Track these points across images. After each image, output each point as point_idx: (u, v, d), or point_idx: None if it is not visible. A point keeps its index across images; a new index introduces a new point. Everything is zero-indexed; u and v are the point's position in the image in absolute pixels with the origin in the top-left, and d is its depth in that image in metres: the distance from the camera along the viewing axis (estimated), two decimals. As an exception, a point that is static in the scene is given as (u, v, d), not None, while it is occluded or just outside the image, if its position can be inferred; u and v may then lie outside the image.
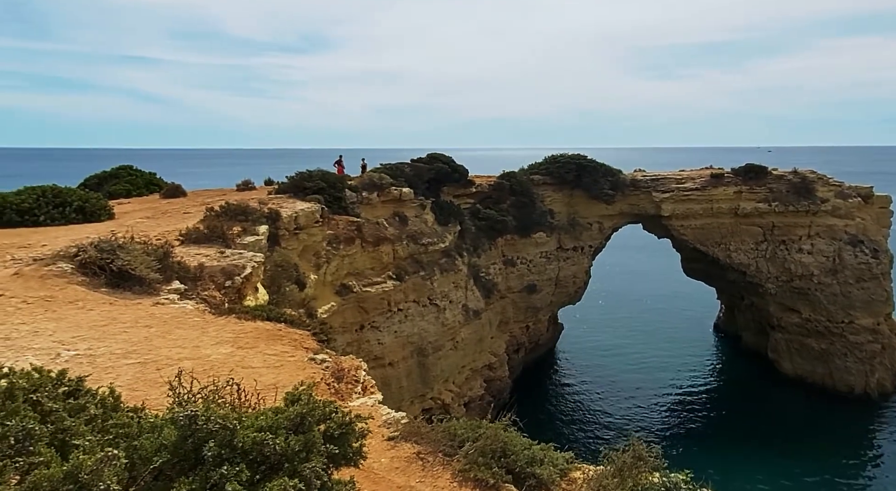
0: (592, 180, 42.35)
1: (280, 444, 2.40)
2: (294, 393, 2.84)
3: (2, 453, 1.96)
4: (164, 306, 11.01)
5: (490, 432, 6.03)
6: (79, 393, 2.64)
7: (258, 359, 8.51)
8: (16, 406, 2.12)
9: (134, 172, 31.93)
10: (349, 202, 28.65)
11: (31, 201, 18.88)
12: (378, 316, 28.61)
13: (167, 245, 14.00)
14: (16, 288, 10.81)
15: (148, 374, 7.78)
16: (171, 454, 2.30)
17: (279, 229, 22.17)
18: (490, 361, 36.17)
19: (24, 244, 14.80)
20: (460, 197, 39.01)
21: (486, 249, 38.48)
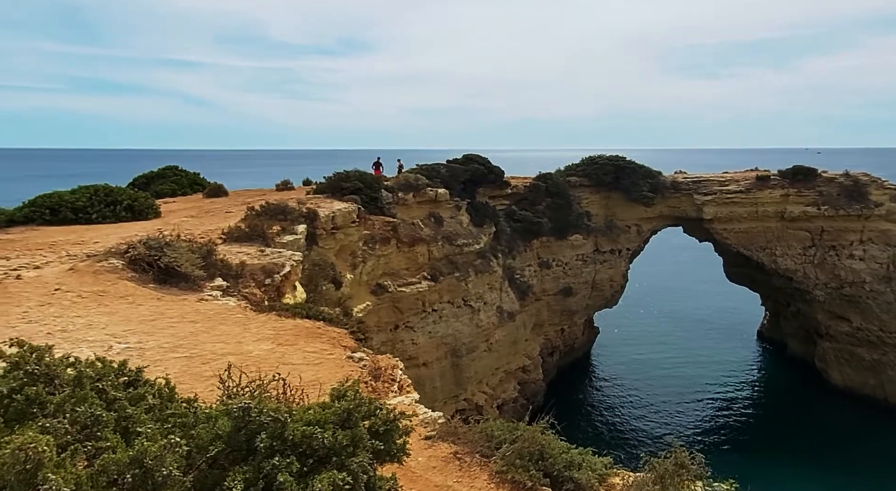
0: (631, 182, 41.62)
1: (328, 438, 2.46)
2: (340, 389, 2.90)
3: (72, 438, 2.07)
4: (207, 303, 11.35)
5: (527, 435, 6.00)
6: (138, 383, 2.76)
7: (298, 356, 8.68)
8: (84, 393, 2.24)
9: (179, 173, 33.00)
10: (385, 203, 28.93)
11: (84, 200, 19.68)
12: (413, 316, 28.78)
13: (210, 243, 14.42)
14: (71, 283, 11.31)
15: (193, 367, 8.03)
16: (226, 444, 2.38)
17: (317, 229, 22.55)
18: (524, 364, 35.93)
19: (78, 241, 15.46)
20: (496, 198, 38.92)
21: (521, 250, 38.26)
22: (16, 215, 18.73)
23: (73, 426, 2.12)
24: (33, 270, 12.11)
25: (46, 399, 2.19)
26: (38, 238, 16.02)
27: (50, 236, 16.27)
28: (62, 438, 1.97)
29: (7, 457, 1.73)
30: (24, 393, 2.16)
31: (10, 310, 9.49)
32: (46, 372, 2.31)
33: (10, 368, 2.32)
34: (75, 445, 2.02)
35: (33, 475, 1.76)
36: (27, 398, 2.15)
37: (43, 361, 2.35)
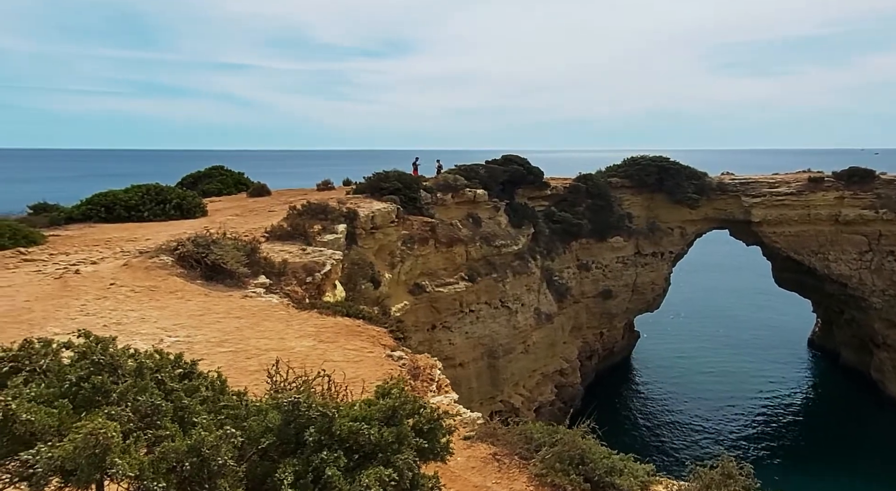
0: (675, 183, 40.59)
1: (374, 434, 2.50)
2: (384, 387, 2.94)
3: (134, 425, 2.17)
4: (252, 299, 11.65)
5: (567, 438, 5.92)
6: (192, 375, 2.86)
7: (339, 353, 8.82)
8: (145, 384, 2.34)
9: (224, 172, 33.95)
10: (424, 203, 29.08)
11: (137, 198, 20.46)
12: (450, 316, 28.83)
13: (254, 242, 14.80)
14: (125, 278, 11.80)
15: (239, 362, 8.27)
16: (276, 437, 2.45)
17: (356, 228, 22.83)
18: (562, 367, 35.52)
19: (131, 238, 16.11)
20: (535, 199, 38.59)
21: (560, 252, 37.84)
22: (74, 213, 19.67)
23: (135, 415, 2.22)
24: (90, 266, 12.69)
25: (111, 388, 2.31)
26: (95, 235, 16.78)
27: (105, 233, 17.01)
28: (125, 426, 2.07)
29: (79, 441, 1.83)
30: (90, 381, 2.28)
31: (71, 303, 9.98)
32: (111, 362, 2.43)
33: (78, 357, 2.45)
34: (137, 433, 2.12)
35: (101, 459, 1.86)
36: (94, 387, 2.27)
37: (107, 352, 2.48)
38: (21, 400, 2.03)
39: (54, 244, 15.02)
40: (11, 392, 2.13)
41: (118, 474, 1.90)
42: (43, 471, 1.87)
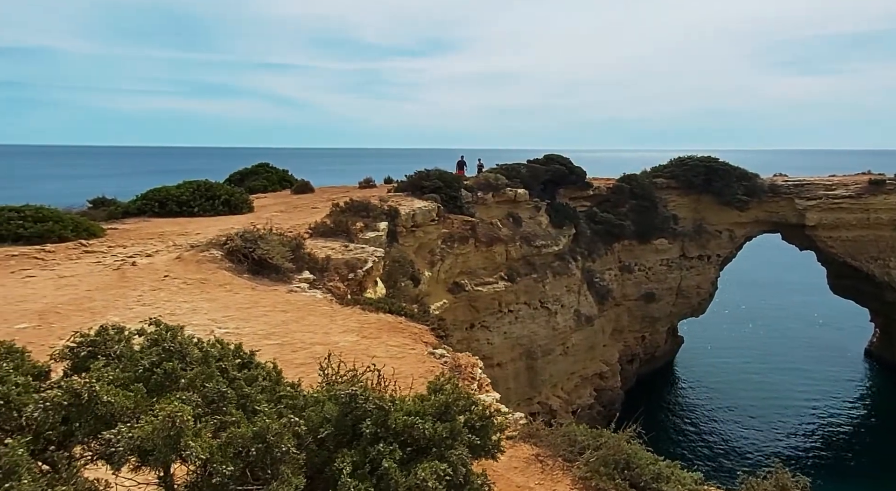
0: (724, 184, 39.30)
1: (428, 429, 2.52)
2: (437, 383, 2.96)
3: (202, 411, 2.26)
4: (297, 294, 11.90)
5: (612, 442, 5.83)
6: (250, 365, 2.95)
7: (381, 349, 8.92)
8: (210, 371, 2.43)
9: (270, 170, 34.81)
10: (464, 202, 29.09)
11: (188, 194, 21.20)
12: (488, 316, 28.77)
13: (299, 237, 15.10)
14: (178, 270, 12.24)
15: (285, 355, 8.46)
16: (334, 427, 2.50)
17: (397, 226, 23.02)
18: (601, 370, 34.95)
19: (182, 232, 16.71)
20: (576, 199, 38.07)
21: (601, 253, 37.21)
22: (130, 207, 20.57)
23: (203, 400, 2.31)
24: (146, 258, 13.23)
25: (180, 374, 2.41)
26: (149, 228, 17.48)
27: (159, 227, 17.70)
28: (195, 411, 2.16)
29: (158, 423, 1.92)
30: (162, 367, 2.39)
31: (128, 293, 10.43)
32: (179, 350, 2.54)
33: (150, 344, 2.57)
34: (205, 418, 2.21)
35: (176, 441, 1.94)
36: (165, 372, 2.38)
37: (176, 340, 2.58)
38: (102, 383, 2.15)
39: (112, 237, 15.73)
40: (95, 375, 2.25)
41: (191, 456, 1.99)
42: (123, 450, 1.97)
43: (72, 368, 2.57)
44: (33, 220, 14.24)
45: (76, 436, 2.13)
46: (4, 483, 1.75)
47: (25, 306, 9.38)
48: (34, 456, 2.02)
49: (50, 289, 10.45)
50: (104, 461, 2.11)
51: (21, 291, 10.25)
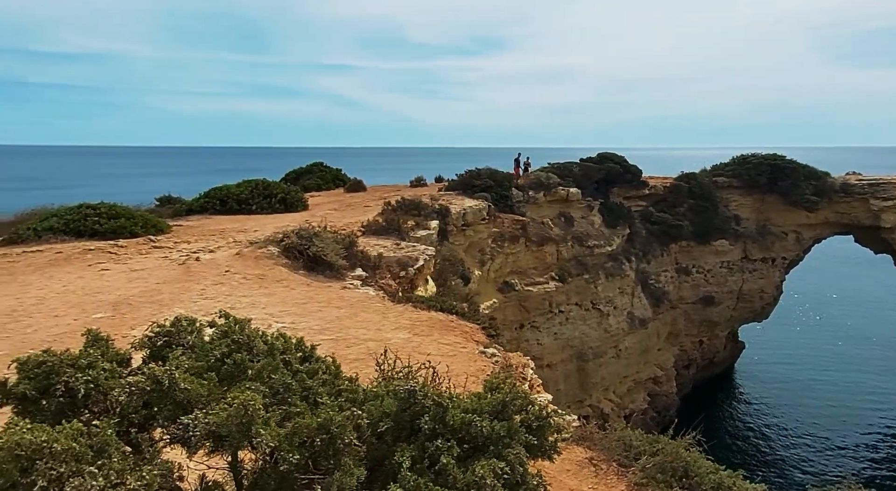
0: (791, 184, 37.35)
1: (486, 427, 2.54)
2: (493, 381, 2.97)
3: (269, 401, 2.36)
4: (350, 291, 12.14)
5: (670, 449, 5.65)
6: (311, 358, 3.05)
7: (433, 347, 8.99)
8: (276, 363, 2.53)
9: (324, 169, 35.66)
10: (515, 201, 28.91)
11: (247, 192, 22.00)
12: (538, 316, 28.48)
13: (352, 235, 15.38)
14: (238, 266, 12.73)
15: (339, 350, 8.64)
16: (393, 422, 2.55)
17: (448, 225, 23.11)
18: (656, 375, 33.97)
19: (241, 229, 17.34)
20: (631, 199, 37.11)
21: (657, 254, 36.14)
22: (193, 205, 21.55)
23: (269, 391, 2.41)
24: (208, 254, 13.81)
25: (248, 365, 2.52)
26: (211, 225, 18.25)
27: (220, 224, 18.45)
28: (263, 400, 2.25)
29: (232, 411, 2.02)
30: (232, 358, 2.50)
31: (192, 287, 10.93)
32: (247, 342, 2.65)
33: (220, 335, 2.70)
34: (273, 408, 2.30)
35: (248, 428, 2.04)
36: (235, 363, 2.49)
37: (244, 332, 2.70)
38: (180, 371, 2.28)
39: (178, 233, 16.51)
40: (173, 363, 2.39)
41: (261, 444, 2.08)
42: (200, 434, 2.09)
43: (150, 356, 2.74)
44: (108, 216, 15.14)
45: (157, 419, 2.28)
46: (97, 460, 1.90)
47: (101, 297, 9.99)
48: (119, 437, 2.17)
49: (122, 281, 11.09)
50: (180, 444, 2.24)
51: (97, 283, 10.93)
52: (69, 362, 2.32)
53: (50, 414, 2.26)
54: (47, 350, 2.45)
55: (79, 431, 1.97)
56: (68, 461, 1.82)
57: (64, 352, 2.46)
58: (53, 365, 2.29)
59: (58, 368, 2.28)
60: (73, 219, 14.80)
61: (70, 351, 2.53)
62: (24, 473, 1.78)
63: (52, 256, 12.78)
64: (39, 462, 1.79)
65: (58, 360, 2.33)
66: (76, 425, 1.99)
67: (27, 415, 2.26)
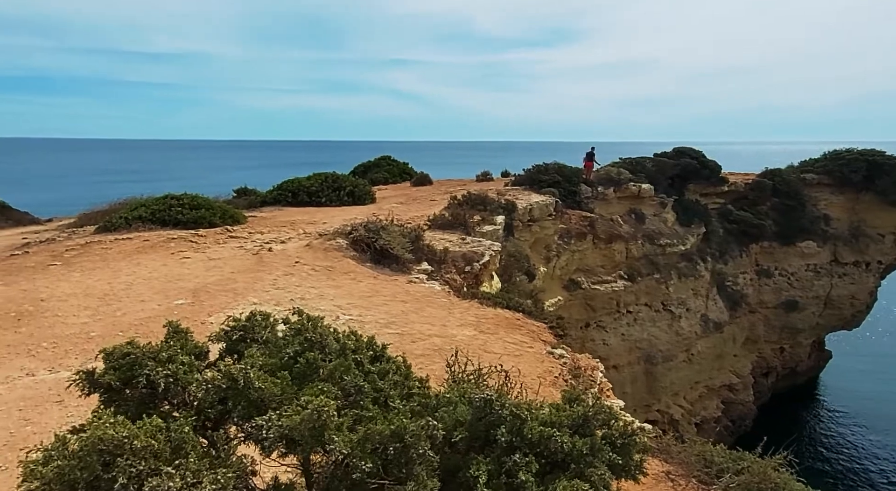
0: (890, 182, 34.22)
1: (567, 442, 2.37)
2: (572, 392, 2.79)
3: (341, 403, 2.30)
4: (415, 285, 12.16)
5: (756, 468, 5.22)
6: (381, 358, 2.98)
7: (499, 345, 8.83)
8: (348, 363, 2.48)
9: (391, 162, 36.16)
10: (583, 197, 28.16)
11: (317, 185, 22.61)
12: (605, 315, 27.67)
13: (418, 229, 15.43)
14: (307, 257, 13.05)
15: (404, 344, 8.65)
16: (467, 431, 2.44)
17: (514, 220, 22.80)
18: (731, 382, 32.23)
19: (311, 221, 17.80)
20: (708, 196, 35.23)
21: (735, 255, 34.18)
22: (267, 197, 22.40)
23: (342, 392, 2.36)
24: (280, 245, 14.25)
25: (320, 365, 2.48)
26: (282, 217, 18.87)
27: (291, 216, 19.04)
28: (335, 404, 2.19)
29: (306, 415, 1.97)
30: (305, 357, 2.47)
31: (265, 277, 11.30)
32: (319, 340, 2.61)
33: (293, 333, 2.68)
34: (345, 411, 2.24)
35: (321, 433, 1.99)
36: (307, 362, 2.46)
37: (317, 330, 2.67)
38: (255, 369, 2.27)
39: (252, 224, 17.17)
40: (248, 361, 2.38)
41: (333, 450, 2.02)
42: (273, 437, 2.06)
43: (226, 349, 2.76)
44: (189, 207, 15.96)
45: (232, 417, 2.27)
46: (174, 458, 1.91)
47: (182, 284, 10.50)
48: (196, 432, 2.18)
49: (201, 269, 11.62)
50: (254, 443, 2.22)
51: (179, 270, 11.51)
52: (150, 355, 2.36)
53: (133, 404, 2.32)
54: (131, 342, 2.50)
55: (158, 427, 1.98)
56: (147, 459, 1.84)
57: (146, 344, 2.51)
58: (136, 357, 2.34)
59: (140, 361, 2.32)
60: (159, 209, 15.70)
61: (152, 343, 2.58)
62: (106, 467, 1.81)
63: (139, 243, 13.60)
64: (120, 459, 1.81)
65: (140, 352, 2.37)
66: (156, 421, 2.01)
67: (112, 404, 2.32)
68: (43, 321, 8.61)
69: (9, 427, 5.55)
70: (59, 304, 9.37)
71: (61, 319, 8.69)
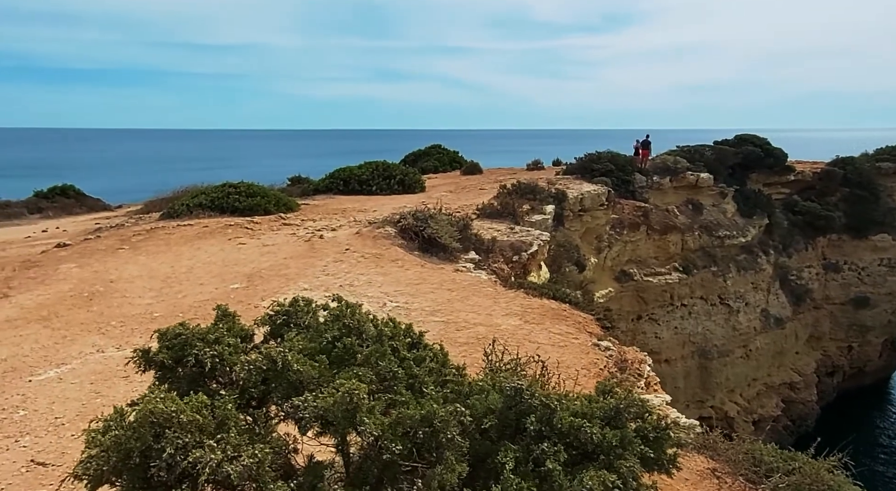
0: (977, 171, 31.71)
1: (597, 433, 2.38)
2: (606, 384, 2.78)
3: (375, 388, 2.39)
4: (462, 273, 12.22)
5: (809, 469, 5.00)
6: (419, 346, 3.05)
7: (543, 336, 8.79)
8: (384, 350, 2.56)
9: (441, 151, 36.22)
10: (638, 186, 27.42)
11: (367, 174, 22.95)
12: (658, 308, 26.96)
13: (466, 218, 15.45)
14: (357, 245, 13.33)
15: (449, 333, 8.75)
16: (497, 419, 2.48)
17: (564, 210, 22.48)
18: (792, 380, 30.83)
19: (362, 209, 18.13)
20: (773, 185, 33.54)
21: (800, 248, 32.49)
22: (319, 185, 22.95)
23: (376, 377, 2.45)
24: (331, 232, 14.61)
25: (357, 350, 2.58)
26: (334, 205, 19.31)
27: (342, 204, 19.46)
28: (369, 387, 2.28)
29: (339, 397, 2.07)
30: (342, 342, 2.57)
31: (316, 263, 11.64)
32: (357, 326, 2.71)
33: (332, 319, 2.79)
34: (379, 395, 2.33)
35: (353, 415, 2.08)
36: (345, 347, 2.56)
37: (355, 317, 2.77)
38: (293, 352, 2.39)
39: (305, 211, 17.66)
40: (288, 344, 2.51)
41: (365, 432, 2.11)
42: (309, 417, 2.17)
43: (269, 333, 2.91)
44: (246, 194, 16.58)
45: (272, 396, 2.41)
46: (217, 433, 2.05)
47: (238, 269, 10.98)
48: (239, 409, 2.33)
49: (256, 255, 12.09)
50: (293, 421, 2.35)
51: (235, 255, 12.02)
52: (199, 337, 2.53)
53: (184, 381, 2.49)
54: (183, 323, 2.68)
55: (203, 403, 2.13)
56: (192, 432, 1.99)
57: (196, 326, 2.68)
58: (187, 338, 2.51)
59: (190, 341, 2.49)
60: (218, 196, 16.39)
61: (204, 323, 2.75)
62: (157, 438, 1.98)
63: (199, 229, 14.26)
64: (168, 431, 1.97)
65: (190, 333, 2.54)
66: (201, 398, 2.16)
67: (165, 381, 2.51)
68: (112, 301, 9.22)
69: (81, 399, 6.01)
70: (126, 285, 10.00)
71: (128, 300, 9.27)
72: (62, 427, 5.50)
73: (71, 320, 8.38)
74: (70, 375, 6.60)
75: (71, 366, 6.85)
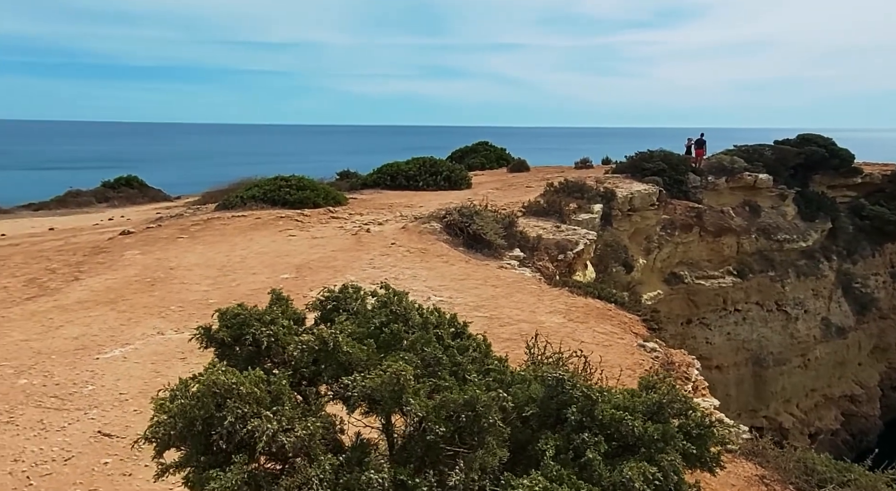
0: None
1: (638, 426, 2.38)
2: (650, 379, 2.77)
3: (420, 372, 2.48)
4: (506, 270, 12.22)
5: (864, 481, 4.79)
6: (462, 335, 3.12)
7: (588, 334, 8.70)
8: (429, 337, 2.65)
9: (489, 148, 36.14)
10: (691, 186, 26.60)
11: (415, 170, 23.18)
12: (709, 312, 26.12)
13: (512, 215, 15.42)
14: (403, 239, 13.53)
15: (493, 328, 8.78)
16: (538, 408, 2.53)
17: (612, 209, 22.09)
18: (853, 392, 29.28)
19: (408, 204, 18.35)
20: (837, 188, 31.87)
21: (866, 255, 30.77)
22: (367, 180, 23.35)
23: (421, 363, 2.53)
24: (377, 226, 14.88)
25: (403, 336, 2.68)
26: (381, 200, 19.62)
27: (389, 199, 19.75)
28: (414, 371, 2.37)
29: (386, 377, 2.17)
30: (389, 328, 2.68)
31: (362, 256, 11.90)
32: (404, 313, 2.81)
33: (380, 305, 2.90)
34: (423, 379, 2.41)
35: (399, 395, 2.17)
36: (391, 332, 2.66)
37: (402, 304, 2.87)
38: (343, 335, 2.50)
39: (352, 205, 18.03)
40: (338, 327, 2.63)
41: (410, 412, 2.20)
42: (357, 395, 2.28)
43: (320, 317, 3.04)
44: (297, 188, 17.08)
45: (323, 376, 2.53)
46: (273, 406, 2.19)
47: (288, 260, 11.35)
48: (292, 387, 2.46)
49: (305, 247, 12.46)
50: (341, 402, 2.46)
51: (286, 247, 12.42)
52: (256, 317, 2.68)
53: (241, 359, 2.65)
54: (241, 304, 2.84)
55: (260, 378, 2.27)
56: (251, 403, 2.13)
57: (253, 307, 2.84)
58: (245, 318, 2.67)
59: (248, 321, 2.65)
60: (270, 189, 16.95)
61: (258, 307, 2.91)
62: (218, 407, 2.13)
63: (252, 221, 14.80)
64: (229, 401, 2.11)
65: (248, 314, 2.70)
66: (258, 373, 2.30)
67: (224, 358, 2.67)
68: (172, 287, 9.71)
69: (143, 377, 6.40)
70: (185, 272, 10.51)
71: (186, 286, 9.75)
72: (126, 402, 5.88)
73: (135, 304, 8.90)
74: (133, 355, 7.02)
75: (134, 346, 7.29)
